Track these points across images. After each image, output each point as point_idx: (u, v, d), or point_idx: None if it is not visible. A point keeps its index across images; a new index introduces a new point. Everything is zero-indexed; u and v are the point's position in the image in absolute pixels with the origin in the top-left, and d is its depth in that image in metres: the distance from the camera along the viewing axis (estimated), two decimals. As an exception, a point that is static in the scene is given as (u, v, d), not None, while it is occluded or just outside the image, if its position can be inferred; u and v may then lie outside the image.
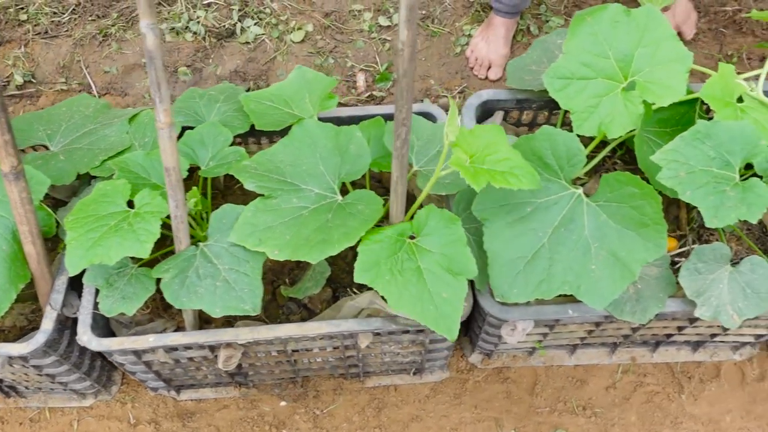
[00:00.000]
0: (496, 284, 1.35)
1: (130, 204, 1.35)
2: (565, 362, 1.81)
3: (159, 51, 1.09)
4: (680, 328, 1.63)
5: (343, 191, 1.41)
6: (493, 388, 1.80)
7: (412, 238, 1.33)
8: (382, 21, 2.57)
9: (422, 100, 2.41)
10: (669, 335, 1.69)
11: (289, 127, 1.46)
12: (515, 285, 1.34)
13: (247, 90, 2.47)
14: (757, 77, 1.55)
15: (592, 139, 1.52)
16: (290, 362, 1.60)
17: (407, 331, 1.47)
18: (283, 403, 1.76)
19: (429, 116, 1.64)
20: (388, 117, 1.58)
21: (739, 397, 1.78)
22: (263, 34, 2.56)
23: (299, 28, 2.57)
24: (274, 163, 1.42)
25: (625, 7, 1.47)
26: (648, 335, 1.69)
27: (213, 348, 1.45)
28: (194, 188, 1.39)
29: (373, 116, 1.57)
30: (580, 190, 1.38)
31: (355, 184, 1.48)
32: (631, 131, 1.48)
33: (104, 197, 1.35)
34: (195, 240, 1.38)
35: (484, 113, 1.68)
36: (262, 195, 1.36)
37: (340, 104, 2.44)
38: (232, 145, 1.52)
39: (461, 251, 1.29)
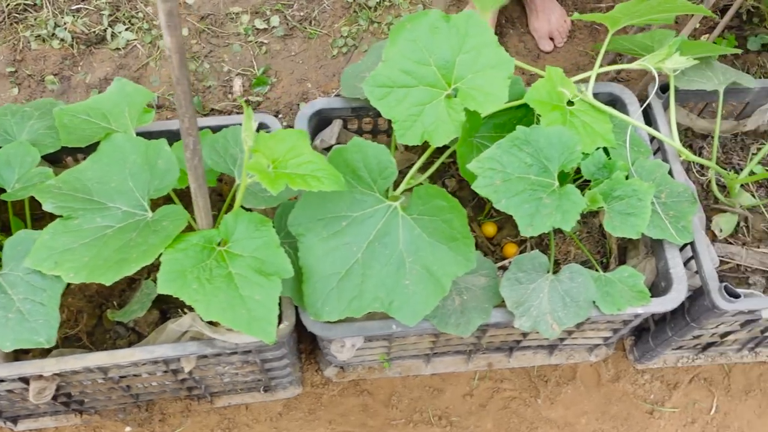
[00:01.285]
0: (309, 302, 1.31)
1: None
2: (422, 372, 1.78)
3: None
4: (524, 334, 1.61)
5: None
6: (349, 402, 1.76)
7: (224, 244, 1.27)
8: (259, 24, 2.50)
9: (298, 105, 2.36)
10: (518, 341, 1.67)
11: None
12: (328, 302, 1.30)
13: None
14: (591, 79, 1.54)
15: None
16: (123, 388, 1.54)
17: (235, 352, 1.42)
18: (128, 429, 1.69)
19: (262, 126, 1.59)
20: (222, 128, 1.53)
21: (595, 398, 1.78)
22: (135, 39, 2.47)
23: (173, 33, 2.48)
24: (81, 182, 1.35)
25: (445, 13, 1.44)
26: (497, 342, 1.67)
27: (26, 380, 1.38)
28: (-10, 214, 1.31)
29: (201, 129, 1.51)
30: (396, 203, 1.34)
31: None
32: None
33: None
34: (-4, 269, 1.30)
35: (321, 122, 1.63)
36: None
37: (215, 110, 2.37)
38: (59, 163, 1.44)
39: (274, 252, 1.24)
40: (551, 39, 2.37)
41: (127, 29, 2.47)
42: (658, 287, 1.49)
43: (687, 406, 1.78)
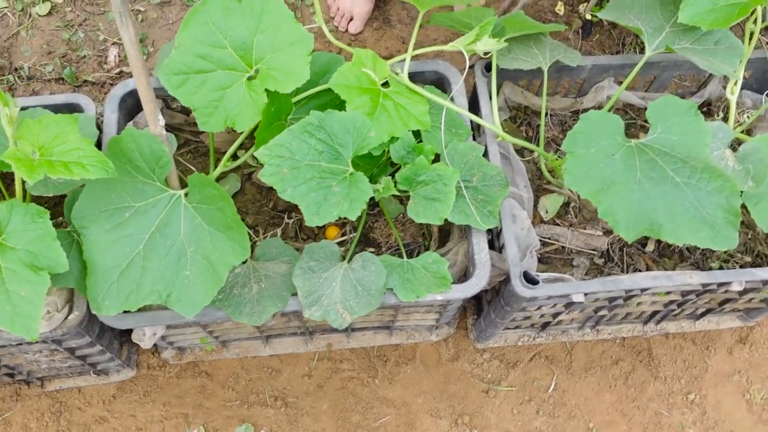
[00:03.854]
0: (92, 296, 1.28)
1: None
2: (261, 353, 1.77)
3: None
4: (349, 318, 1.60)
5: None
6: (186, 384, 1.75)
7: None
8: (135, -10, 2.41)
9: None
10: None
11: None
12: (108, 297, 1.27)
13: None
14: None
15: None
16: (-66, 376, 1.52)
17: (30, 342, 1.40)
18: (-45, 414, 1.68)
19: (76, 108, 1.53)
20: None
21: (434, 377, 1.78)
22: (6, 7, 2.37)
23: (46, 0, 2.40)
24: None
25: (240, -7, 1.38)
26: (322, 325, 1.65)
27: None
28: None
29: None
30: (180, 192, 1.31)
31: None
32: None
33: None
34: None
35: (137, 102, 1.57)
36: None
37: (88, 82, 2.30)
38: None
39: (49, 245, 1.20)
40: (469, 5, 2.26)
41: (-4, -4, 2.38)
42: (469, 271, 1.48)
43: (525, 384, 1.79)
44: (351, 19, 2.26)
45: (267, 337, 1.74)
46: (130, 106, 1.57)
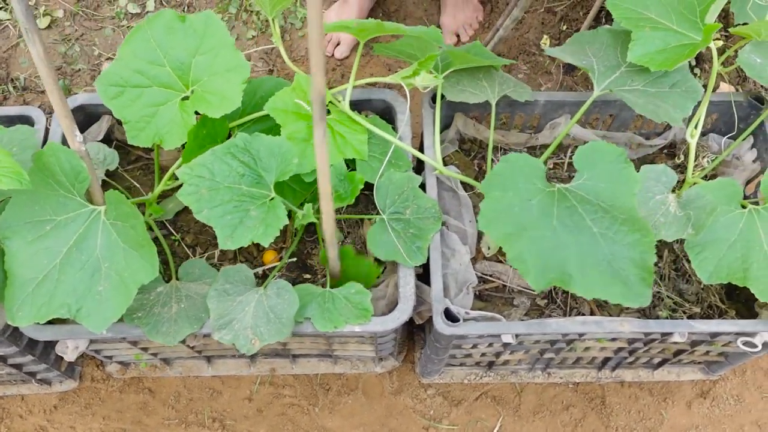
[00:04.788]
0: (8, 306, 1.29)
1: None
2: (203, 372, 1.76)
3: None
4: (283, 344, 1.58)
5: None
6: (129, 399, 1.75)
7: None
8: (132, 8, 2.48)
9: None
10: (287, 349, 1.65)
11: None
12: (22, 308, 1.28)
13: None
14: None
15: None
16: None
17: (-38, 347, 1.43)
18: None
19: (28, 120, 1.57)
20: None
21: (376, 410, 1.75)
22: (8, 19, 2.47)
23: (46, 14, 2.48)
24: None
25: (181, 14, 1.40)
26: (264, 349, 1.64)
27: None
28: None
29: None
30: (100, 208, 1.32)
31: None
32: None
33: None
34: None
35: (87, 118, 1.61)
36: None
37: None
38: None
39: None
40: (457, 35, 2.29)
41: (0, 8, 2.47)
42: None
43: (468, 423, 1.73)
44: (338, 44, 2.27)
45: (209, 357, 1.73)
46: (79, 121, 1.60)
